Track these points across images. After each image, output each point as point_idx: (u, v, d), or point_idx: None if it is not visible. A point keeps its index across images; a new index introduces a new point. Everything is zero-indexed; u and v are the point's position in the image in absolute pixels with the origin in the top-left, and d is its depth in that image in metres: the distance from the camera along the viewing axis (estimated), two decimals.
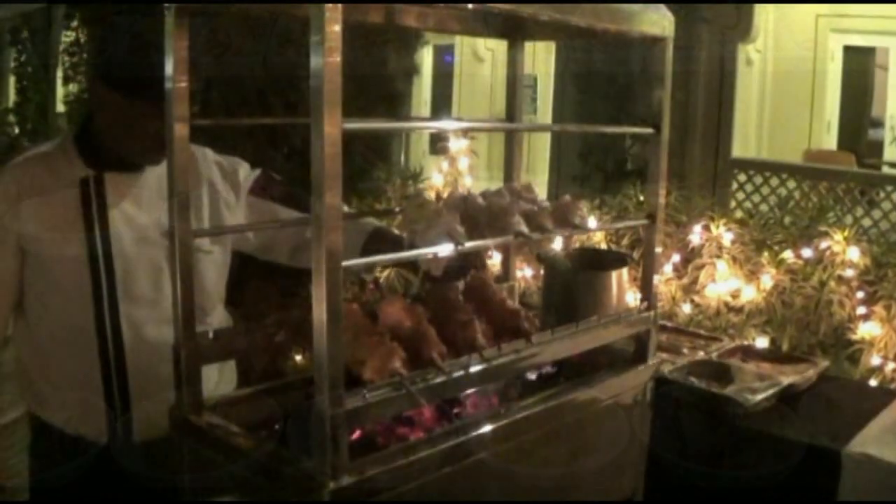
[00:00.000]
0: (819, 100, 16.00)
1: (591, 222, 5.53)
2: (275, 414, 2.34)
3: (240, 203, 3.10)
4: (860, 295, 4.94)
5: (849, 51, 16.23)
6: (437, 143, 7.41)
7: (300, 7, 1.76)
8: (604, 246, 5.73)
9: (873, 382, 4.40)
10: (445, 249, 2.09)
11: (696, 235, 5.51)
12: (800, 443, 3.11)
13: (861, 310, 4.86)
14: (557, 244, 2.89)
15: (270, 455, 2.07)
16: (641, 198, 6.31)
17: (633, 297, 4.70)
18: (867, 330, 4.70)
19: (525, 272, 5.09)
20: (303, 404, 2.22)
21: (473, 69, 20.66)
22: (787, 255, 5.19)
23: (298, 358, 4.13)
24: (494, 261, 4.55)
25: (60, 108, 15.67)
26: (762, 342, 4.62)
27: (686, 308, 5.15)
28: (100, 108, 2.87)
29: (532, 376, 2.68)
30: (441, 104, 21.12)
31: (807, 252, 5.19)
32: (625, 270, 3.39)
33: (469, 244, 2.12)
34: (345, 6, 1.71)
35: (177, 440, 2.28)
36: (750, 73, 14.44)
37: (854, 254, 5.05)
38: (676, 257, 5.49)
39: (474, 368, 2.17)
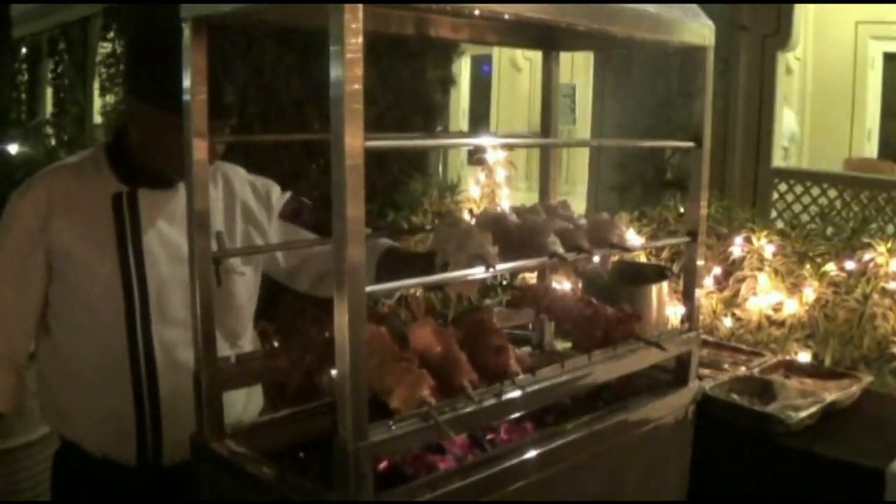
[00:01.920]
0: (859, 108, 15.90)
1: (631, 235, 5.45)
2: (299, 440, 2.28)
3: (271, 224, 3.03)
4: None
5: (889, 58, 16.09)
6: (475, 155, 7.34)
7: (322, 16, 1.65)
8: (643, 258, 5.64)
9: None
10: (476, 272, 1.99)
11: (737, 247, 5.41)
12: (843, 461, 3.02)
13: None
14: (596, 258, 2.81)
15: (292, 486, 2.00)
16: (682, 209, 6.22)
17: (672, 312, 4.63)
18: None
19: (563, 286, 5.01)
20: (327, 433, 2.16)
21: (511, 79, 20.69)
22: (830, 267, 5.07)
23: (334, 372, 4.02)
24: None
25: (97, 119, 15.77)
26: (804, 357, 4.51)
27: (727, 322, 5.05)
28: (134, 123, 2.81)
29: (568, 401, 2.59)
30: (479, 115, 21.11)
31: (850, 264, 5.07)
32: (664, 284, 3.32)
33: (501, 266, 2.02)
34: (367, 13, 1.62)
35: (197, 467, 2.21)
36: (790, 82, 14.32)
37: None
38: (717, 270, 5.39)
39: (506, 397, 2.07)
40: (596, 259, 2.38)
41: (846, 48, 15.57)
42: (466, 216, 2.50)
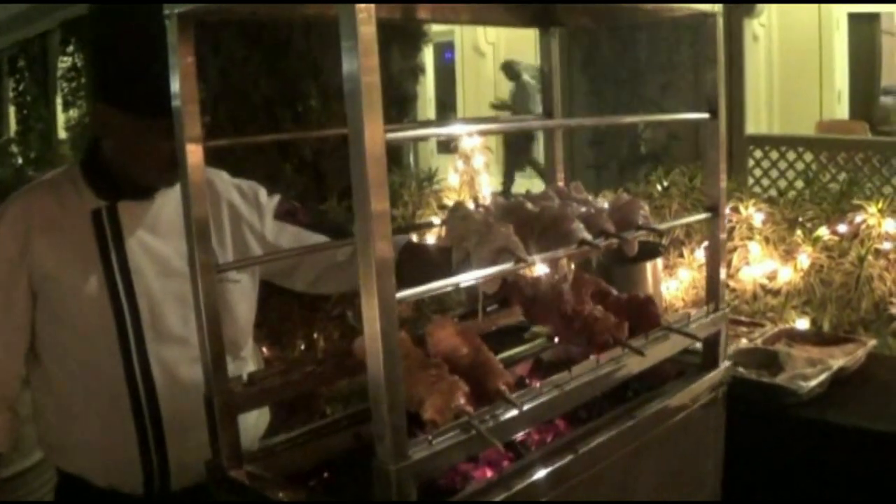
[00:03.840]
0: (827, 70, 15.95)
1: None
2: (322, 459, 2.16)
3: (265, 226, 2.90)
4: None
5: (854, 18, 16.13)
6: (451, 143, 7.26)
7: (320, 5, 1.54)
8: None
9: None
10: (505, 267, 1.87)
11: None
12: (857, 428, 3.00)
13: None
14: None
15: None
16: (665, 183, 6.15)
17: (665, 288, 4.56)
18: None
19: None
20: (350, 449, 2.11)
21: (475, 64, 20.65)
22: (823, 231, 5.01)
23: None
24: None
25: (62, 134, 15.71)
26: (802, 323, 4.47)
27: None
28: (105, 132, 2.69)
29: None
30: (445, 102, 21.06)
31: (842, 227, 5.00)
32: (659, 261, 3.26)
33: (531, 258, 1.90)
34: (377, 6, 1.51)
35: (216, 497, 2.08)
36: (756, 49, 14.33)
37: (890, 226, 4.86)
38: (707, 241, 5.31)
39: (546, 398, 1.95)
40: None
41: (810, 11, 15.58)
42: (472, 206, 2.36)
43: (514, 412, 1.85)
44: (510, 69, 16.92)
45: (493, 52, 20.51)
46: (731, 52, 11.02)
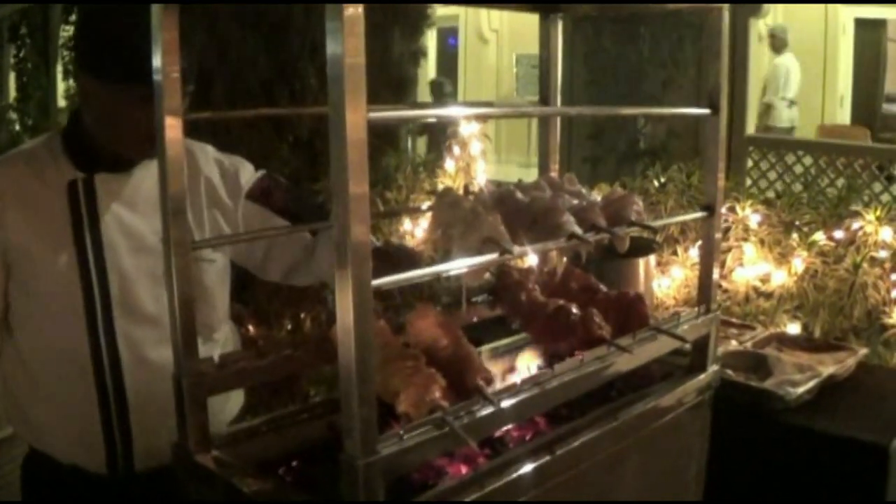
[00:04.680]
0: (831, 74, 15.98)
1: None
2: (293, 447, 2.08)
3: (237, 208, 2.85)
4: (894, 277, 4.72)
5: (860, 24, 16.12)
6: (448, 129, 7.19)
7: None
8: None
9: None
10: (490, 258, 1.80)
11: None
12: (844, 437, 2.96)
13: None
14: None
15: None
16: (663, 179, 6.11)
17: (657, 285, 4.51)
18: None
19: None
20: (323, 438, 2.03)
21: (478, 51, 20.65)
22: (819, 236, 4.96)
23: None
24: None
25: (61, 102, 15.68)
26: (794, 328, 4.43)
27: None
28: (85, 101, 2.64)
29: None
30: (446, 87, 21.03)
31: (838, 233, 4.96)
32: (652, 258, 3.22)
33: (518, 250, 1.83)
34: None
35: (181, 482, 2.02)
36: (761, 49, 14.28)
37: (887, 234, 4.82)
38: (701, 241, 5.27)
39: (526, 395, 1.89)
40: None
41: (817, 14, 15.55)
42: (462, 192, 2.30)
43: (491, 409, 1.79)
44: (438, 87, 17.25)
45: (497, 39, 20.52)
46: (736, 51, 10.97)
